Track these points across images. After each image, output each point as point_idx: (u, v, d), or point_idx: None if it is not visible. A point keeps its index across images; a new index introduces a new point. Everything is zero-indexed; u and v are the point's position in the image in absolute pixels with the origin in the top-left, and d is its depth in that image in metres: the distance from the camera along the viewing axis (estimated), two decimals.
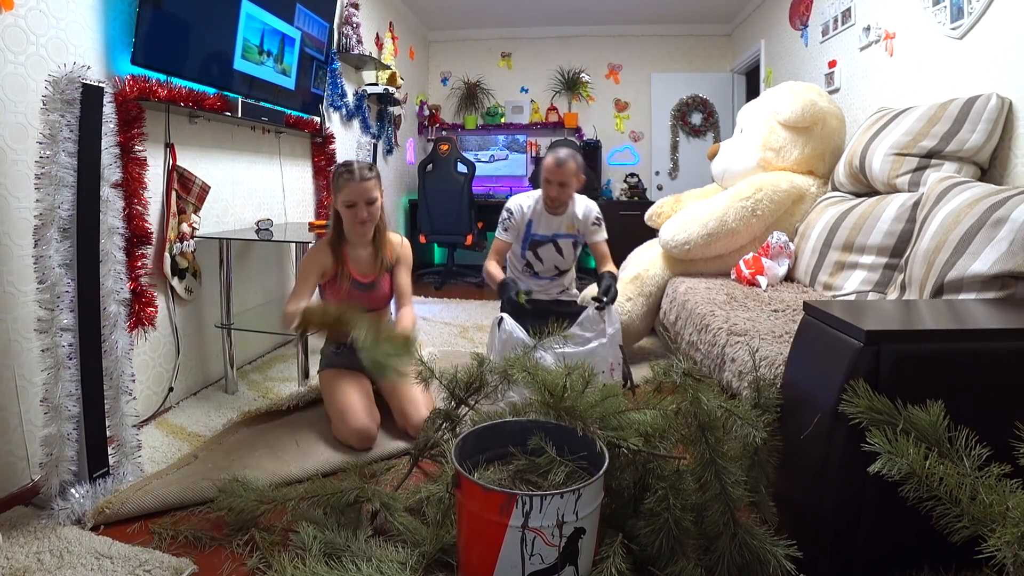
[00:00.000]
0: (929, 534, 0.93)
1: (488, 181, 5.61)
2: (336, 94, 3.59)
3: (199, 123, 2.39)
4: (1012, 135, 1.97)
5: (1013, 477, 0.90)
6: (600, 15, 5.24)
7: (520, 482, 1.27)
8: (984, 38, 2.11)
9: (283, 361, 2.87)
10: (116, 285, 1.57)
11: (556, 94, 5.70)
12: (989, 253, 1.48)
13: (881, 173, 2.22)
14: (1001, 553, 0.82)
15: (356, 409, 1.87)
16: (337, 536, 1.32)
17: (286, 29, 2.74)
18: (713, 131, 5.49)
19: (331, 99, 3.53)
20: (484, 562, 1.10)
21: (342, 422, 1.87)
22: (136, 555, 1.32)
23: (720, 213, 2.68)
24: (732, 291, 2.38)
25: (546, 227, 2.52)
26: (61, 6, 1.73)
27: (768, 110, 2.95)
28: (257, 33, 2.51)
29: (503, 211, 2.54)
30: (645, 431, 1.25)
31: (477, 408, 1.61)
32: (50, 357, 1.43)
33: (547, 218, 2.51)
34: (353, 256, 2.03)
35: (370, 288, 2.05)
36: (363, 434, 1.84)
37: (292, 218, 3.17)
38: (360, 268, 2.04)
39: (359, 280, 2.03)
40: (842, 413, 1.06)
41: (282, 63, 2.76)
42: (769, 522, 1.19)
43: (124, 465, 1.63)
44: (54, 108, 1.40)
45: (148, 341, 2.13)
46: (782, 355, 1.50)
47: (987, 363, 1.11)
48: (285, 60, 2.78)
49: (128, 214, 1.93)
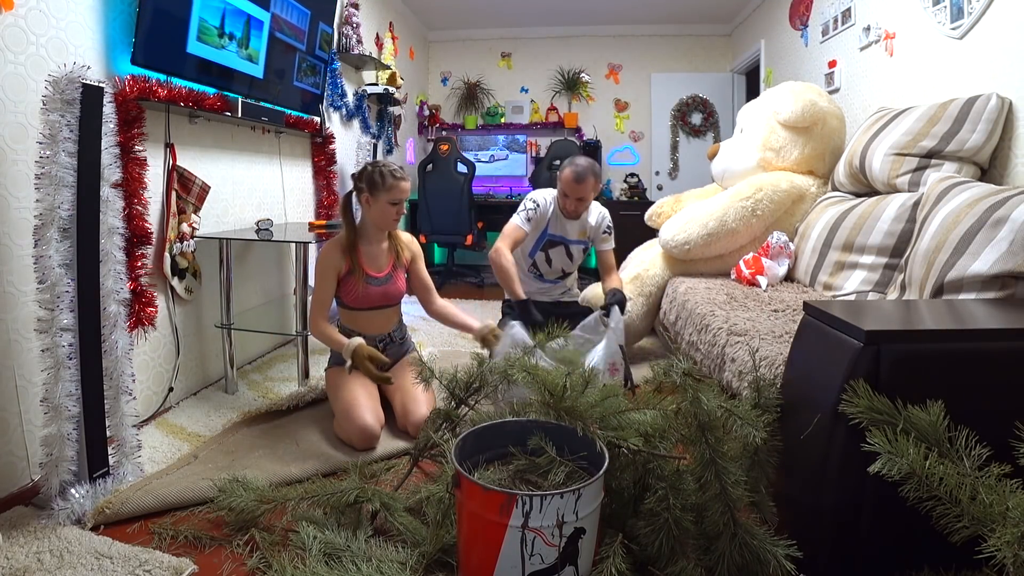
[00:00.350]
0: (929, 534, 0.93)
1: (488, 181, 5.61)
2: (336, 94, 3.59)
3: (199, 123, 2.39)
4: (1012, 135, 1.97)
5: (1013, 477, 0.90)
6: (600, 15, 5.25)
7: (520, 482, 1.27)
8: (984, 38, 2.11)
9: (283, 361, 2.87)
10: (116, 285, 1.56)
11: (556, 94, 5.70)
12: (989, 253, 1.48)
13: (881, 173, 2.22)
14: (1001, 553, 0.82)
15: (361, 407, 1.87)
16: (337, 536, 1.32)
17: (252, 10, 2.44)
18: (713, 131, 5.50)
19: (331, 99, 3.53)
20: (484, 562, 1.10)
21: (346, 419, 1.87)
22: (136, 555, 1.32)
23: (720, 213, 2.68)
24: (732, 291, 2.38)
25: (561, 229, 2.53)
26: (61, 6, 1.73)
27: (768, 110, 2.95)
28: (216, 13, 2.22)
29: (527, 200, 2.51)
30: (645, 431, 1.25)
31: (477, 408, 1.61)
32: (50, 357, 1.43)
33: (562, 221, 2.53)
34: (366, 252, 2.06)
35: (384, 282, 2.08)
36: (366, 432, 1.84)
37: (292, 218, 3.17)
38: (375, 264, 2.07)
39: (374, 276, 2.05)
40: (842, 413, 1.06)
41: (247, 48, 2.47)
42: (769, 522, 1.19)
43: (124, 465, 1.63)
44: (54, 108, 1.40)
45: (148, 341, 2.13)
46: (782, 355, 1.50)
47: (987, 363, 1.11)
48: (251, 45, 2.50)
49: (128, 214, 1.93)
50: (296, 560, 1.27)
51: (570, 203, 2.42)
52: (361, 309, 2.05)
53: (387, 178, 1.98)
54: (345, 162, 3.79)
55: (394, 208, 2.01)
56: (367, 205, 2.02)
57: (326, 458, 1.80)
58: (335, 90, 3.56)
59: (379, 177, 1.98)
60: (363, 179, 2.01)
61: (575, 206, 2.42)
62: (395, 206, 2.01)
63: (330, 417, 2.11)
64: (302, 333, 2.39)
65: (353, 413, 1.86)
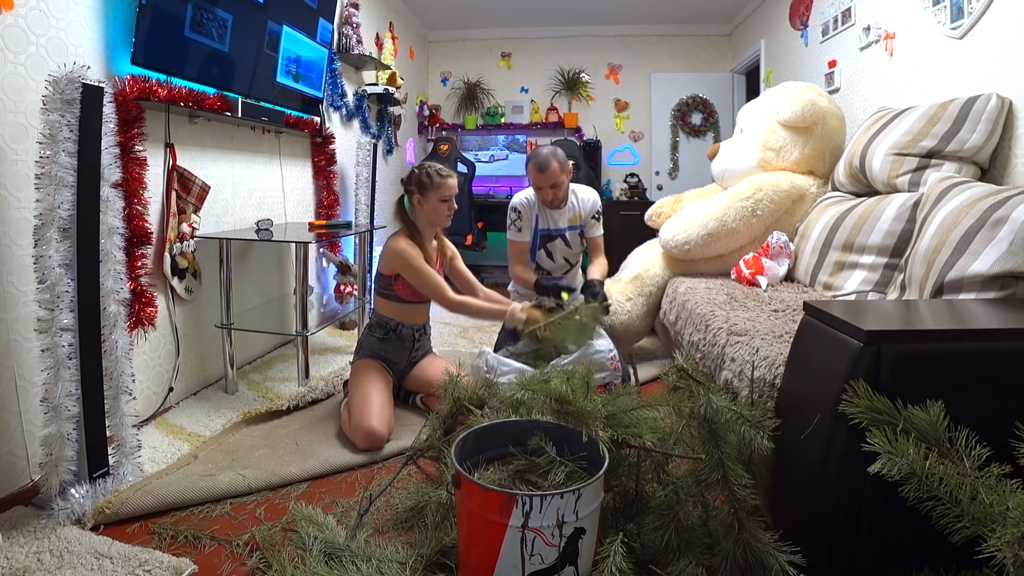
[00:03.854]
0: (929, 534, 0.93)
1: (488, 181, 5.61)
2: (336, 94, 3.59)
3: (199, 123, 2.39)
4: (1012, 135, 1.97)
5: (1013, 477, 0.90)
6: (600, 15, 5.24)
7: (520, 482, 1.27)
8: (984, 38, 2.11)
9: (283, 361, 2.87)
10: (116, 285, 1.56)
11: (556, 94, 5.70)
12: (989, 253, 1.48)
13: (881, 173, 2.22)
14: (1001, 553, 0.82)
15: (372, 410, 1.90)
16: (337, 536, 1.33)
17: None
18: (713, 131, 5.49)
19: (331, 99, 3.53)
20: (484, 562, 1.10)
21: (355, 418, 1.90)
22: (136, 555, 1.32)
23: (720, 213, 2.68)
24: (732, 291, 2.38)
25: (551, 221, 2.54)
26: (61, 6, 1.73)
27: (768, 110, 2.95)
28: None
29: (510, 213, 2.55)
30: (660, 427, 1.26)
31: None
32: (50, 357, 1.43)
33: (550, 213, 2.53)
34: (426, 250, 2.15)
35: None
36: (371, 435, 1.85)
37: (292, 218, 3.17)
38: (430, 261, 2.15)
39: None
40: (842, 413, 1.06)
41: None
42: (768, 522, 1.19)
43: (124, 465, 1.63)
44: (54, 108, 1.40)
45: (148, 341, 2.13)
46: (782, 355, 1.50)
47: (987, 363, 1.11)
48: None
49: (128, 214, 1.93)
50: (296, 560, 1.27)
51: (546, 192, 2.44)
52: (411, 302, 2.15)
53: (434, 177, 2.10)
54: (345, 162, 3.79)
55: (445, 204, 2.13)
56: (419, 206, 2.14)
57: (326, 458, 1.80)
58: (335, 90, 3.56)
59: (427, 177, 2.10)
60: (412, 182, 2.14)
61: (552, 193, 2.44)
62: (446, 202, 2.13)
63: (329, 417, 2.12)
64: (302, 333, 2.39)
65: (363, 413, 1.89)
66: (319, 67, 3.13)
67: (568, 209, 2.53)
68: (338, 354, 2.99)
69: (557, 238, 2.55)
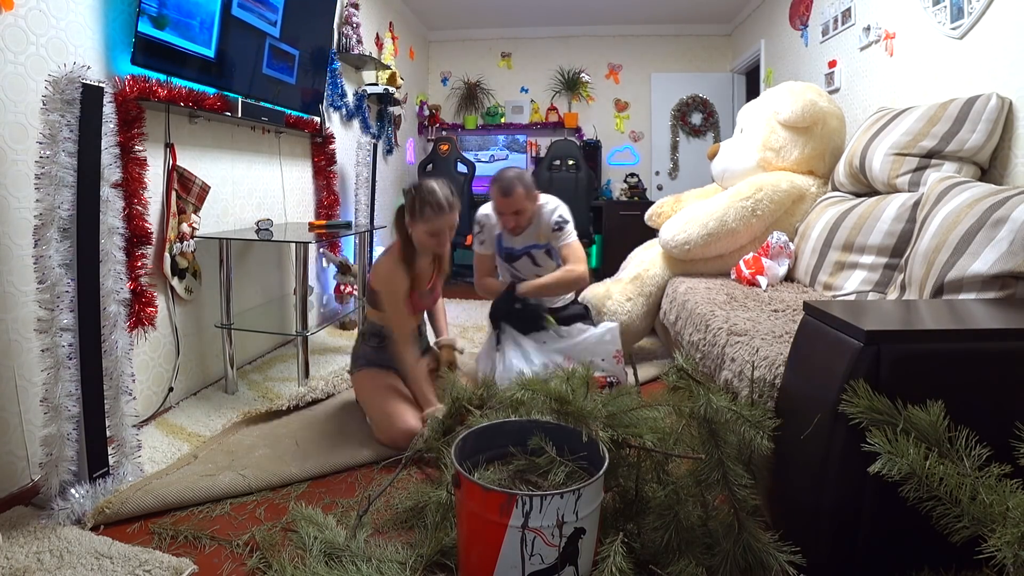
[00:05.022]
0: (929, 534, 0.93)
1: (488, 181, 5.60)
2: (336, 94, 3.59)
3: (199, 123, 2.39)
4: (1012, 135, 1.97)
5: (1013, 477, 0.90)
6: (600, 15, 5.24)
7: (520, 482, 1.27)
8: (984, 38, 2.11)
9: (283, 361, 2.87)
10: (116, 285, 1.56)
11: (556, 94, 5.70)
12: (989, 253, 1.48)
13: (881, 173, 2.22)
14: (1001, 553, 0.82)
15: (405, 412, 1.90)
16: (337, 536, 1.33)
17: None
18: (713, 131, 5.49)
19: (331, 99, 3.53)
20: (484, 562, 1.10)
21: (390, 424, 1.88)
22: (136, 555, 1.32)
23: (720, 213, 2.68)
24: (732, 291, 2.38)
25: (516, 241, 2.37)
26: (61, 6, 1.73)
27: (768, 110, 2.95)
28: None
29: (474, 224, 2.41)
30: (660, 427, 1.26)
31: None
32: (50, 357, 1.43)
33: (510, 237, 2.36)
34: (419, 266, 2.04)
35: (431, 292, 2.14)
36: (410, 433, 1.85)
37: (292, 218, 3.17)
38: (424, 275, 2.08)
39: (425, 288, 2.09)
40: (842, 413, 1.06)
41: None
42: (768, 522, 1.19)
43: (124, 465, 1.63)
44: (54, 108, 1.40)
45: (148, 341, 2.13)
46: (782, 355, 1.50)
47: (987, 363, 1.11)
48: None
49: (128, 214, 1.93)
50: (296, 560, 1.28)
51: (508, 219, 2.22)
52: None
53: (426, 210, 1.88)
54: (345, 162, 3.79)
55: (434, 240, 1.94)
56: (410, 227, 1.96)
57: (326, 458, 1.80)
58: (335, 90, 3.56)
59: (420, 206, 1.89)
60: (407, 200, 1.94)
61: (515, 221, 2.23)
62: (435, 237, 1.93)
63: (329, 417, 2.11)
64: (302, 333, 2.39)
65: (396, 419, 1.88)
66: None
67: (534, 229, 2.31)
68: (338, 354, 2.99)
69: (523, 256, 2.39)
